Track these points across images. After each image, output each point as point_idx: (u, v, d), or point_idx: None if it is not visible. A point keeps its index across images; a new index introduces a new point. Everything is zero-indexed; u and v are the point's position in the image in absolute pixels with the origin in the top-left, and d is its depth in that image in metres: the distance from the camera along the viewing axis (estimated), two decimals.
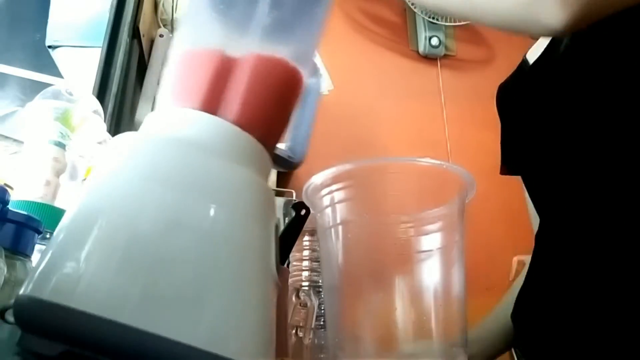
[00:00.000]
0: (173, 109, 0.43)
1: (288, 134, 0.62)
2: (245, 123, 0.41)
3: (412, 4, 1.93)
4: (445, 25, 1.96)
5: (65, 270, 0.32)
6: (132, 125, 1.15)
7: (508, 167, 0.79)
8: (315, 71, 0.63)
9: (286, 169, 0.61)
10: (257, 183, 0.40)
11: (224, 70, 0.43)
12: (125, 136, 0.40)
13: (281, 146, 0.59)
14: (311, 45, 0.51)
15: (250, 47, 0.45)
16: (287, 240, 0.68)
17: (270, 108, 0.45)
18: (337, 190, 0.63)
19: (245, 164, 0.40)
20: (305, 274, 0.92)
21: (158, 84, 1.20)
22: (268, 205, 0.41)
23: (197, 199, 0.36)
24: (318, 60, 0.67)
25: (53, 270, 0.32)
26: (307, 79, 0.51)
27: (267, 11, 0.45)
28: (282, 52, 0.46)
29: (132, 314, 0.31)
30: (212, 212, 0.36)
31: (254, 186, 0.40)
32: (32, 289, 0.32)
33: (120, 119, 1.10)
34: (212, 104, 0.42)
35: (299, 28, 0.49)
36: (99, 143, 0.71)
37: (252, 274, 0.38)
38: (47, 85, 0.76)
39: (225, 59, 0.44)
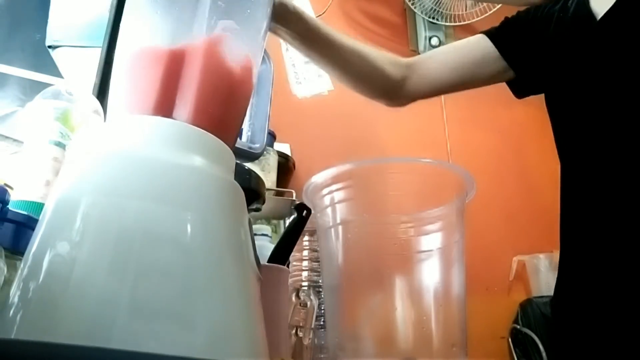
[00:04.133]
0: (127, 117, 0.41)
1: (246, 125, 0.61)
2: (201, 120, 0.40)
3: (412, 4, 1.93)
4: (445, 25, 1.96)
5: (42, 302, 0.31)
6: None
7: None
8: (265, 58, 0.62)
9: (249, 160, 0.61)
10: (223, 181, 0.39)
11: (173, 68, 0.42)
12: (79, 154, 0.38)
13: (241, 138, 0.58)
14: (258, 29, 0.50)
15: (197, 37, 0.44)
16: (288, 241, 0.68)
17: (224, 100, 0.44)
18: (337, 190, 0.63)
19: (208, 163, 0.39)
20: (305, 274, 0.92)
21: None
22: (237, 200, 0.41)
23: (164, 208, 0.34)
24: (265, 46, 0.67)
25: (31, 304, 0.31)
26: (258, 65, 0.49)
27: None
28: (229, 39, 0.45)
29: (121, 334, 0.30)
30: (182, 218, 0.35)
31: (221, 185, 0.39)
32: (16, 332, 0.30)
33: None
34: (165, 106, 0.41)
35: (244, 12, 0.48)
36: None
37: (234, 272, 0.37)
38: (47, 85, 0.76)
39: (172, 55, 0.42)
